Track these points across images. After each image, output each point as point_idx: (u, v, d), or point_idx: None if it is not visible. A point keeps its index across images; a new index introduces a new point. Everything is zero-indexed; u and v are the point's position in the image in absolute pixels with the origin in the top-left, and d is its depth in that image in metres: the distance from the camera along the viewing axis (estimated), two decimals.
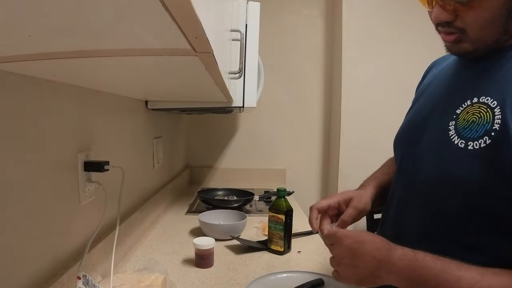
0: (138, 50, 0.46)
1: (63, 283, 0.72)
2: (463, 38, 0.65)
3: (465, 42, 0.66)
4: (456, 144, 0.64)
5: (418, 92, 0.89)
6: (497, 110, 0.60)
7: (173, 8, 0.30)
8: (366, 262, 0.65)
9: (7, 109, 0.59)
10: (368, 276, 0.66)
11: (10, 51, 0.46)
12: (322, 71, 2.27)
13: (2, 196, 0.58)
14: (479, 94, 0.65)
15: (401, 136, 0.84)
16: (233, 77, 1.01)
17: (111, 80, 0.80)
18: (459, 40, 0.66)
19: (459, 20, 0.63)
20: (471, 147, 0.62)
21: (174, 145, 1.94)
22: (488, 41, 0.65)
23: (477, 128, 0.62)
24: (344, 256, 0.69)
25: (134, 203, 1.27)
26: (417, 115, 0.80)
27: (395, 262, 0.62)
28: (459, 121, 0.66)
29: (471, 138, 0.62)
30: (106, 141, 1.00)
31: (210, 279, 0.99)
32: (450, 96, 0.72)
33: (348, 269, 0.68)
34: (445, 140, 0.67)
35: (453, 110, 0.68)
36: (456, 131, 0.66)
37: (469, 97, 0.66)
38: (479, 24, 0.63)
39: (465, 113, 0.66)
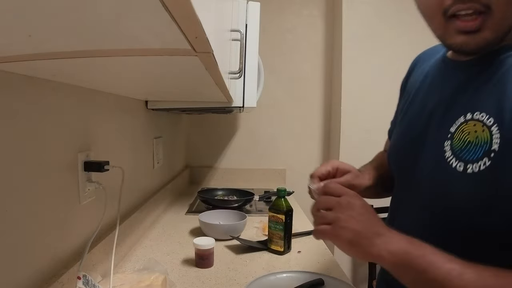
0: (138, 50, 0.46)
1: (63, 283, 0.72)
2: (486, 23, 0.56)
3: (486, 29, 0.56)
4: (454, 167, 0.60)
5: (408, 93, 0.83)
6: (494, 129, 0.56)
7: (173, 8, 0.30)
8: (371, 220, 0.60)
9: (7, 109, 0.59)
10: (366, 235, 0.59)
11: (10, 51, 0.46)
12: (322, 71, 2.27)
13: (2, 196, 0.58)
14: (473, 109, 0.60)
15: (396, 153, 0.79)
16: (233, 77, 1.01)
17: (111, 80, 0.80)
18: (480, 27, 0.56)
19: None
20: (470, 171, 0.57)
21: (174, 145, 1.94)
22: (509, 26, 0.57)
23: (475, 149, 0.58)
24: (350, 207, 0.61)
25: (134, 203, 1.27)
26: (412, 129, 0.74)
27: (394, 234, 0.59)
28: (455, 141, 0.61)
29: (470, 160, 0.58)
30: (106, 141, 1.00)
31: (210, 279, 0.99)
32: (442, 111, 0.67)
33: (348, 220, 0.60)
34: (443, 162, 0.62)
35: (447, 129, 0.64)
36: (453, 153, 0.61)
37: (463, 112, 0.61)
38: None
39: (460, 132, 0.61)
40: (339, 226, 0.60)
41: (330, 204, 0.63)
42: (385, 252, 0.58)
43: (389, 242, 0.58)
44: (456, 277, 0.52)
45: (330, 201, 0.63)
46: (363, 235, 0.59)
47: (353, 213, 0.60)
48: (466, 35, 0.58)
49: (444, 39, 0.62)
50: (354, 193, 0.64)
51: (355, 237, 0.59)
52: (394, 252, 0.57)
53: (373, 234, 0.59)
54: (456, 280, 0.52)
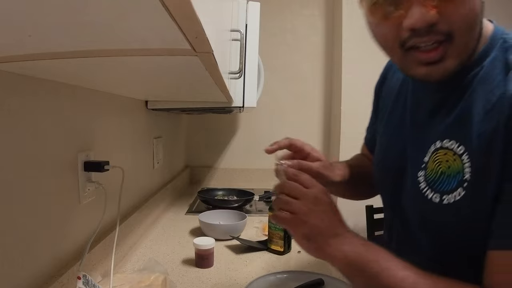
0: (138, 50, 0.46)
1: (63, 283, 0.72)
2: (448, 51, 0.52)
3: (449, 58, 0.52)
4: (430, 199, 0.59)
5: (385, 104, 0.80)
6: (465, 157, 0.54)
7: (173, 8, 0.30)
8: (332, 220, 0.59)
9: (7, 109, 0.59)
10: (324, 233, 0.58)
11: (10, 51, 0.46)
12: (322, 71, 2.27)
13: (2, 196, 0.58)
14: (443, 137, 0.58)
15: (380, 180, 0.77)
16: (233, 77, 1.01)
17: (111, 80, 0.80)
18: (443, 56, 0.52)
19: (443, 22, 0.50)
20: (446, 202, 0.56)
21: (174, 145, 1.94)
22: (472, 48, 0.54)
23: (449, 179, 0.56)
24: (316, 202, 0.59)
25: (134, 203, 1.27)
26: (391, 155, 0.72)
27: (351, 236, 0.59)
28: (428, 172, 0.60)
29: (445, 191, 0.57)
30: (106, 141, 1.00)
31: (210, 279, 0.99)
32: (416, 135, 0.65)
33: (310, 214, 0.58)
34: (419, 193, 0.61)
35: (421, 158, 0.62)
36: (427, 184, 0.60)
37: (433, 140, 0.60)
38: (467, 23, 0.51)
39: (432, 161, 0.59)
40: (300, 219, 0.58)
41: (296, 193, 0.60)
42: (338, 253, 0.57)
43: (344, 243, 0.57)
44: (410, 285, 0.52)
45: (298, 190, 0.60)
46: (321, 233, 0.58)
47: (317, 209, 0.58)
48: (429, 66, 0.54)
49: (405, 71, 0.59)
50: (323, 188, 0.62)
51: (312, 233, 0.58)
52: (347, 253, 0.56)
53: (331, 234, 0.58)
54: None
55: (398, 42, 0.54)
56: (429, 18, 0.49)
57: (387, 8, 0.53)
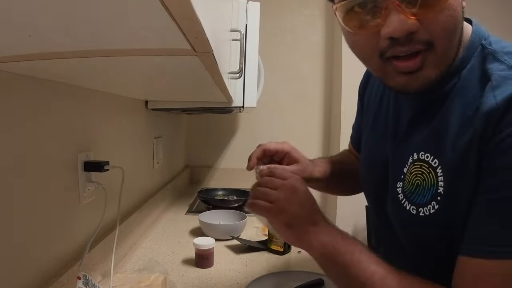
0: (138, 50, 0.46)
1: (63, 283, 0.72)
2: (427, 60, 0.50)
3: (428, 67, 0.51)
4: (408, 210, 0.59)
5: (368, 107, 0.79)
6: (439, 171, 0.54)
7: (173, 8, 0.30)
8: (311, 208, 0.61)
9: (7, 109, 0.59)
10: (302, 221, 0.59)
11: (10, 51, 0.46)
12: (322, 71, 2.27)
13: (2, 196, 0.58)
14: (419, 149, 0.58)
15: (365, 179, 0.77)
16: (233, 77, 1.01)
17: (111, 80, 0.80)
18: (422, 65, 0.50)
19: (422, 30, 0.48)
20: (422, 214, 0.57)
21: (174, 145, 1.94)
22: (451, 60, 0.53)
23: (424, 192, 0.56)
24: (294, 191, 0.60)
25: (134, 203, 1.27)
26: (375, 158, 0.72)
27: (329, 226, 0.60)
28: (405, 183, 0.60)
29: (420, 204, 0.57)
30: (106, 141, 1.00)
31: (210, 279, 0.99)
32: (394, 145, 0.65)
33: (289, 202, 0.59)
34: (398, 205, 0.61)
35: (400, 169, 0.62)
36: (404, 195, 0.60)
37: (410, 152, 0.60)
38: (448, 31, 0.49)
39: (409, 173, 0.60)
40: (279, 207, 0.59)
41: (274, 185, 0.61)
42: (315, 242, 0.58)
43: (322, 232, 0.59)
44: (378, 280, 0.53)
45: (275, 182, 0.61)
46: (300, 221, 0.59)
47: (295, 197, 0.59)
48: (407, 76, 0.52)
49: (384, 80, 0.57)
50: (299, 178, 0.63)
51: (292, 221, 0.59)
52: (324, 242, 0.58)
53: (310, 222, 0.59)
54: (378, 283, 0.53)
55: (377, 52, 0.52)
56: (408, 26, 0.47)
57: (363, 17, 0.51)
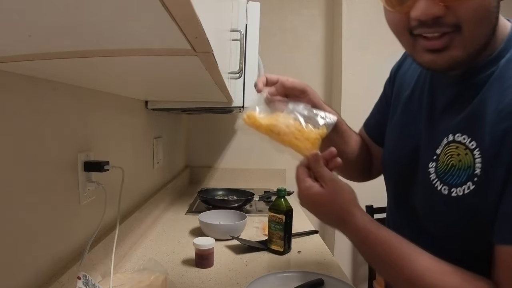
0: (138, 50, 0.46)
1: (63, 283, 0.72)
2: (454, 41, 0.53)
3: (455, 47, 0.54)
4: (439, 190, 0.60)
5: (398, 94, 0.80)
6: (476, 153, 0.55)
7: (173, 8, 0.30)
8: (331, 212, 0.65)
9: (7, 109, 0.59)
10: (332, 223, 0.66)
11: (10, 51, 0.46)
12: (322, 71, 2.27)
13: (2, 196, 0.58)
14: (456, 131, 0.59)
15: (388, 173, 0.79)
16: (233, 77, 1.01)
17: (111, 80, 0.80)
18: (448, 45, 0.54)
19: (450, 15, 0.51)
20: (454, 194, 0.57)
21: (174, 145, 1.94)
22: (480, 45, 0.55)
23: (459, 173, 0.57)
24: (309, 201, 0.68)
25: (134, 203, 1.27)
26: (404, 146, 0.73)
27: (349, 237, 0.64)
28: (439, 164, 0.61)
29: (454, 184, 0.58)
30: (106, 141, 1.00)
31: (210, 279, 0.99)
32: (430, 127, 0.67)
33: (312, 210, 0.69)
34: (429, 185, 0.62)
35: (433, 150, 0.63)
36: (437, 176, 0.61)
37: (446, 133, 0.61)
38: (476, 17, 0.52)
39: (443, 154, 0.61)
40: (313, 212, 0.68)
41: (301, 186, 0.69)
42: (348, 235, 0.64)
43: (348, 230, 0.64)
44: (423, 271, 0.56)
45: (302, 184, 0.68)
46: (330, 223, 0.66)
47: (314, 207, 0.67)
48: (433, 54, 0.56)
49: (413, 56, 0.61)
50: (309, 185, 0.66)
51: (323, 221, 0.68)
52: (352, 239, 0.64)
53: (338, 223, 0.65)
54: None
55: (407, 29, 0.57)
56: (434, 11, 0.51)
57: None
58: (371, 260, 0.63)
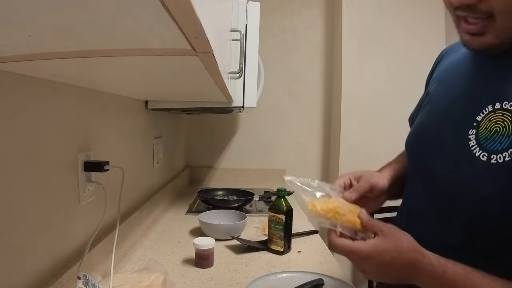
0: (138, 50, 0.46)
1: (63, 283, 0.72)
2: (488, 28, 0.57)
3: (489, 34, 0.57)
4: (477, 156, 0.58)
5: (434, 81, 0.81)
6: None
7: (173, 8, 0.30)
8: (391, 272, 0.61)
9: (7, 109, 0.59)
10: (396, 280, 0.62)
11: (10, 51, 0.46)
12: (322, 71, 2.27)
13: (2, 196, 0.58)
14: (502, 99, 0.58)
15: (414, 143, 0.77)
16: (233, 77, 1.01)
17: (111, 80, 0.80)
18: (483, 32, 0.58)
19: (484, 3, 0.55)
20: (494, 161, 0.56)
21: (174, 145, 1.94)
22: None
23: (501, 139, 0.56)
24: (364, 266, 0.62)
25: (134, 203, 1.27)
26: (431, 120, 0.73)
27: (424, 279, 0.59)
28: (481, 130, 0.60)
29: (494, 150, 0.57)
30: (106, 141, 1.00)
31: (210, 279, 0.99)
32: (468, 99, 0.65)
33: (370, 273, 0.63)
34: (466, 152, 0.60)
35: (472, 117, 0.62)
36: (477, 142, 0.60)
37: (491, 102, 0.60)
38: (508, 8, 0.54)
39: (487, 121, 0.59)
40: (367, 274, 0.63)
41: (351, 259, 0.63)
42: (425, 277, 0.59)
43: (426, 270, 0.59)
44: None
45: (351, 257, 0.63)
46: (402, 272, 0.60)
47: (371, 269, 0.62)
48: (470, 36, 0.60)
49: (458, 31, 0.65)
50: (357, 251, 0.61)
51: (387, 281, 0.64)
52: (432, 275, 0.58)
53: (398, 279, 0.62)
54: None
55: (453, 8, 0.61)
56: (467, 1, 0.56)
57: None
58: None
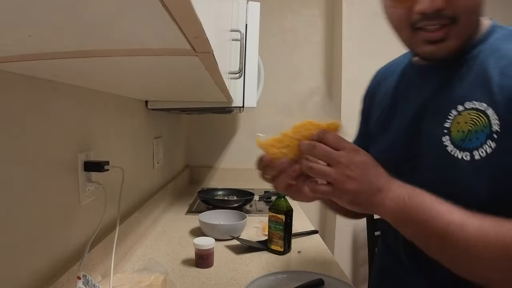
0: (138, 50, 0.46)
1: (63, 283, 0.72)
2: (451, 32, 0.60)
3: (452, 38, 0.61)
4: (460, 158, 0.60)
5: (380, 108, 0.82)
6: (490, 112, 0.58)
7: (173, 8, 0.30)
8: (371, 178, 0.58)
9: (7, 109, 0.59)
10: (366, 194, 0.58)
11: (10, 51, 0.46)
12: (322, 71, 2.27)
13: (3, 196, 0.58)
14: (463, 101, 0.62)
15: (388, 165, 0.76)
16: (233, 77, 1.01)
17: (111, 80, 0.80)
18: (446, 37, 0.61)
19: (449, 8, 0.58)
20: (478, 157, 0.58)
21: (174, 145, 1.94)
22: (471, 33, 0.63)
23: (477, 135, 0.59)
24: (350, 166, 0.57)
25: (134, 203, 1.27)
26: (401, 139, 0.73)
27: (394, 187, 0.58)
28: (454, 134, 0.62)
29: (474, 147, 0.59)
30: (106, 141, 1.00)
31: (210, 279, 0.99)
32: (430, 110, 0.68)
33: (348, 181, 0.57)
34: (447, 158, 0.62)
35: (441, 126, 0.64)
36: (455, 145, 0.62)
37: (453, 107, 0.63)
38: (471, 9, 0.60)
39: (456, 123, 0.62)
40: (339, 189, 0.58)
41: (328, 159, 0.58)
42: (383, 208, 0.58)
43: (387, 197, 0.58)
44: (456, 230, 0.53)
45: (330, 156, 0.58)
46: (363, 195, 0.58)
47: (353, 173, 0.57)
48: (433, 45, 0.62)
49: (413, 48, 0.67)
50: (354, 147, 0.59)
51: (355, 198, 0.58)
52: (392, 208, 0.57)
53: (373, 192, 0.58)
54: (456, 233, 0.53)
55: (409, 23, 0.63)
56: (437, 4, 0.58)
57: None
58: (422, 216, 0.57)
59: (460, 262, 0.55)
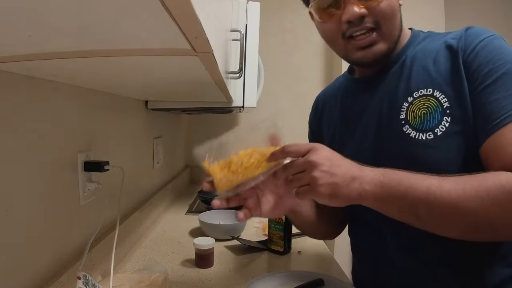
0: (138, 50, 0.46)
1: (63, 283, 0.72)
2: (377, 36, 0.70)
3: (379, 42, 0.70)
4: (424, 139, 0.67)
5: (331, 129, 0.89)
6: (437, 93, 0.66)
7: (173, 8, 0.30)
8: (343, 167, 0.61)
9: (7, 109, 0.59)
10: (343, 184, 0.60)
11: (10, 51, 0.46)
12: (322, 71, 2.27)
13: (3, 196, 0.58)
14: (410, 93, 0.70)
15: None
16: (233, 77, 1.01)
17: (111, 80, 0.80)
18: (373, 42, 0.70)
19: (370, 15, 0.68)
20: (440, 133, 0.65)
21: (174, 145, 1.94)
22: (396, 36, 0.72)
23: (433, 115, 0.66)
24: (319, 163, 0.60)
25: (134, 203, 1.27)
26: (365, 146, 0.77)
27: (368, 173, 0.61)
28: (411, 121, 0.69)
29: (434, 126, 0.66)
30: (106, 141, 1.00)
31: (210, 279, 0.99)
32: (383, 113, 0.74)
33: (322, 176, 0.60)
34: (411, 143, 0.68)
35: (397, 118, 0.71)
36: (416, 130, 0.68)
37: (404, 99, 0.71)
38: (389, 13, 0.69)
39: (411, 112, 0.69)
40: (316, 185, 0.60)
41: (299, 168, 0.62)
42: (363, 193, 0.60)
43: (364, 182, 0.61)
44: (437, 189, 0.57)
45: (299, 165, 0.63)
46: (340, 185, 0.60)
47: (325, 167, 0.60)
48: (364, 50, 0.71)
49: (347, 56, 0.76)
50: (318, 145, 0.63)
51: (334, 190, 0.60)
52: (371, 190, 0.60)
53: (349, 181, 0.60)
54: (438, 192, 0.57)
55: (340, 34, 0.72)
56: (360, 12, 0.67)
57: (330, 11, 0.72)
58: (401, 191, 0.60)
59: (452, 219, 0.58)
